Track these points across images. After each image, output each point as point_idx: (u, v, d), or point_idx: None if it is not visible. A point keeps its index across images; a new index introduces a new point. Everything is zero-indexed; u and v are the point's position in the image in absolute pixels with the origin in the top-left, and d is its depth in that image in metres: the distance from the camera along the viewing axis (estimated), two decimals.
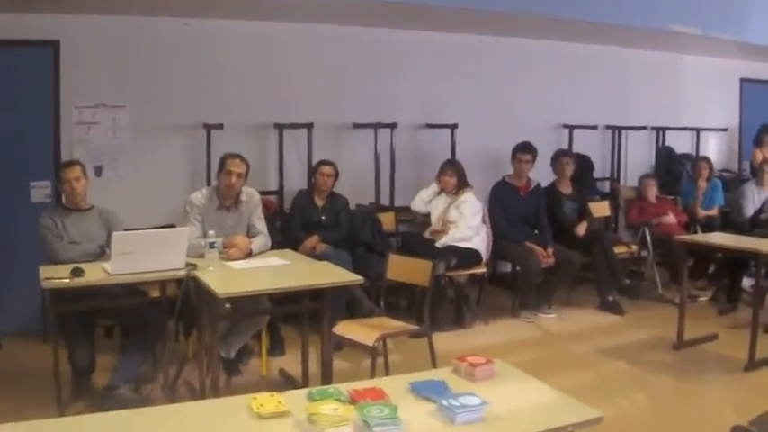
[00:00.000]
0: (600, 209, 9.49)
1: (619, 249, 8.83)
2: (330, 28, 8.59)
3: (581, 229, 8.54)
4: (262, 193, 6.86)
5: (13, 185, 7.44)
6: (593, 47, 10.28)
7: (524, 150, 8.38)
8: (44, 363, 5.60)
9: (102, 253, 5.74)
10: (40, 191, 7.53)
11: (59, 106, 7.57)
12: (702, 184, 9.61)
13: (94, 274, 5.18)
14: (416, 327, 5.94)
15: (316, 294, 5.42)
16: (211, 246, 5.51)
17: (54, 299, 5.18)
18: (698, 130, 11.27)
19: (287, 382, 5.92)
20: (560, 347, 7.26)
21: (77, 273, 5.10)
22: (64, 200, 6.14)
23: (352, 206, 8.09)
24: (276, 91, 8.42)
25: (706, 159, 10.00)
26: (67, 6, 7.21)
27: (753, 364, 6.37)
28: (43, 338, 7.00)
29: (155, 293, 5.86)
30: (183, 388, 5.84)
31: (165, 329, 5.73)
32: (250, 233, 6.19)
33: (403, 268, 6.00)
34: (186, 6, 7.50)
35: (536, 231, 8.41)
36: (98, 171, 7.64)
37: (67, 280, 5.03)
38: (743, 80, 12.15)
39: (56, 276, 5.05)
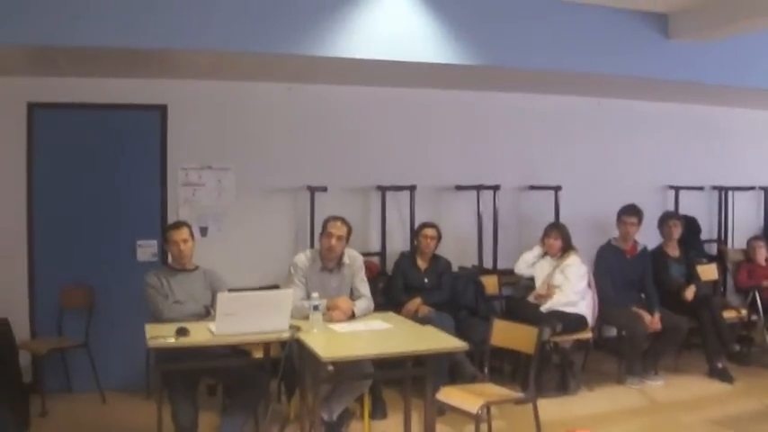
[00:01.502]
0: (708, 272, 9.26)
1: (728, 314, 8.55)
2: (432, 92, 8.65)
3: (689, 293, 8.31)
4: (364, 254, 6.85)
5: (121, 243, 7.63)
6: (696, 107, 10.15)
7: (630, 213, 8.25)
8: (147, 420, 5.68)
9: (206, 313, 5.79)
10: (147, 250, 7.69)
11: (166, 167, 7.77)
12: None
13: (199, 334, 5.22)
14: (521, 394, 5.82)
15: (419, 359, 5.38)
16: (315, 308, 5.51)
17: (159, 358, 5.24)
18: None
19: None
20: (668, 417, 7.03)
21: (182, 332, 5.15)
22: (170, 260, 6.24)
23: (454, 269, 8.04)
24: (379, 153, 8.50)
25: None
26: (175, 72, 7.43)
27: None
28: (146, 395, 7.11)
29: (258, 354, 5.89)
30: None
31: (267, 390, 5.73)
32: (353, 295, 6.20)
33: (507, 334, 5.91)
34: (289, 72, 7.62)
35: (642, 295, 8.22)
36: (203, 231, 7.75)
37: (173, 340, 5.07)
38: None
39: (161, 335, 5.10)
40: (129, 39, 6.06)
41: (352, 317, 5.91)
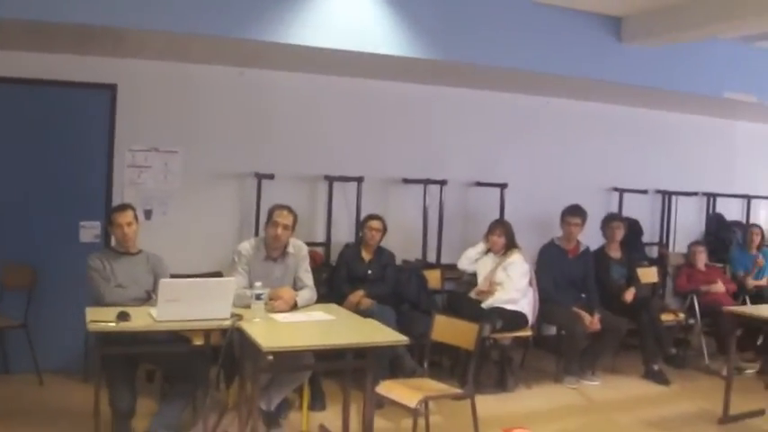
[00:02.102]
0: (648, 275, 9.36)
1: (666, 317, 8.67)
2: (383, 83, 8.65)
3: (629, 295, 8.42)
4: (309, 244, 6.84)
5: (63, 224, 7.53)
6: (644, 111, 10.28)
7: (574, 213, 8.32)
8: (84, 403, 5.65)
9: (147, 298, 5.75)
10: (90, 231, 7.61)
11: (113, 148, 7.66)
12: (756, 253, 9.52)
13: (140, 319, 5.19)
14: (459, 390, 5.85)
15: (360, 351, 5.38)
16: (258, 297, 5.50)
17: (99, 342, 5.18)
18: (749, 198, 11.17)
19: None
20: (603, 416, 7.11)
21: (124, 317, 5.11)
22: (113, 242, 6.17)
23: (398, 262, 8.07)
24: (328, 143, 8.48)
25: (758, 227, 9.92)
26: (127, 51, 7.32)
27: None
28: (83, 378, 7.05)
29: (198, 341, 5.84)
30: None
31: (207, 378, 5.70)
32: (296, 286, 6.19)
33: (448, 329, 5.94)
34: (242, 56, 7.56)
35: (583, 295, 8.30)
36: (147, 214, 7.68)
37: (114, 324, 5.03)
38: None
39: (102, 319, 5.05)
40: (82, 15, 5.94)
41: (295, 307, 5.90)
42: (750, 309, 8.05)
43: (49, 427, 5.88)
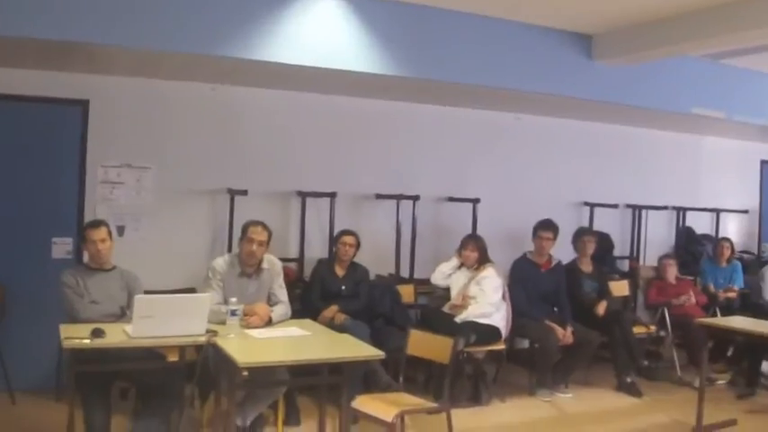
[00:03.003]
0: (619, 288, 9.44)
1: (637, 330, 8.74)
2: (355, 100, 8.67)
3: (600, 308, 8.47)
4: (282, 260, 6.85)
5: (35, 240, 7.46)
6: (614, 126, 10.39)
7: (546, 228, 8.37)
8: (58, 421, 5.62)
9: (121, 314, 5.73)
10: (62, 247, 7.56)
11: (85, 164, 7.62)
12: (725, 265, 9.66)
13: (115, 336, 5.15)
14: (435, 404, 5.88)
15: (335, 367, 5.39)
16: (233, 313, 5.51)
17: (73, 359, 5.14)
18: (718, 211, 11.29)
19: None
20: (577, 429, 7.16)
21: (98, 334, 5.07)
22: (86, 258, 6.13)
23: (372, 277, 8.08)
24: (300, 159, 8.49)
25: (728, 240, 10.03)
26: (98, 67, 7.29)
27: None
28: (56, 397, 6.98)
29: (173, 357, 5.81)
30: None
31: (182, 395, 5.68)
32: (271, 301, 6.19)
33: (423, 344, 5.97)
34: (214, 72, 7.55)
35: (555, 309, 8.34)
36: (120, 230, 7.64)
37: (88, 340, 5.00)
38: (763, 162, 12.19)
39: (76, 336, 5.02)
40: (53, 31, 5.95)
41: (270, 323, 5.89)
42: (721, 320, 8.12)
43: None
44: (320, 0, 6.98)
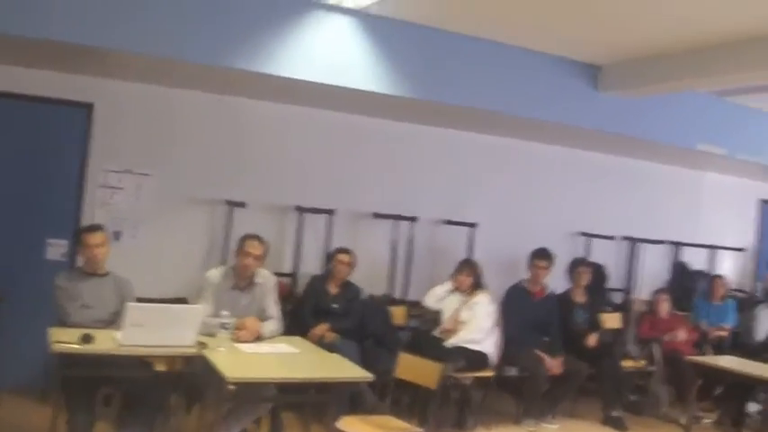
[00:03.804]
0: (611, 320, 9.42)
1: (627, 363, 8.73)
2: (359, 118, 8.69)
3: (592, 340, 8.47)
4: (276, 274, 6.85)
5: (29, 240, 7.48)
6: (615, 158, 10.41)
7: (541, 256, 8.37)
8: (41, 423, 5.60)
9: (112, 320, 5.71)
10: (57, 249, 7.56)
11: (86, 167, 7.63)
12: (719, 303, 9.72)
13: (104, 342, 5.16)
14: (420, 429, 5.86)
15: (322, 386, 5.39)
16: (224, 326, 5.52)
17: (61, 363, 5.14)
18: (715, 248, 11.30)
19: None
20: None
21: (87, 339, 5.08)
22: (81, 262, 6.14)
23: (364, 296, 8.07)
24: (301, 174, 8.49)
25: (722, 278, 10.04)
26: (106, 71, 7.31)
27: None
28: (41, 398, 6.94)
29: (161, 366, 5.82)
30: None
31: (166, 404, 5.68)
32: (262, 316, 6.18)
33: (412, 368, 5.98)
34: (222, 83, 7.57)
35: (546, 339, 8.34)
36: (117, 236, 7.62)
37: (77, 345, 5.01)
38: (762, 201, 12.21)
39: (66, 340, 5.03)
40: (65, 33, 5.95)
41: (260, 338, 5.89)
42: (710, 359, 8.12)
43: None
44: (333, 16, 7.00)
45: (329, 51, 6.99)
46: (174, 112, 7.93)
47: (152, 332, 5.17)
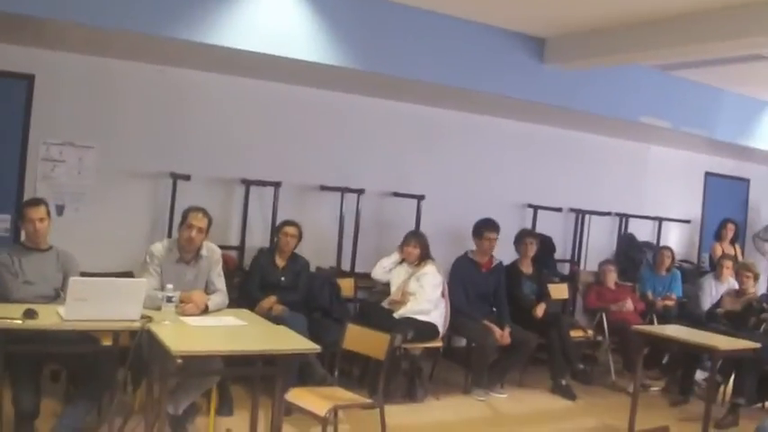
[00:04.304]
0: (559, 291, 9.50)
1: (575, 333, 8.80)
2: (305, 90, 8.62)
3: (539, 310, 8.54)
4: (222, 247, 6.76)
5: None
6: (562, 131, 10.46)
7: (492, 228, 8.38)
8: None
9: (56, 296, 5.63)
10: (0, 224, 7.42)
11: (28, 140, 7.49)
12: (665, 274, 9.83)
13: (48, 317, 5.06)
14: (369, 400, 5.86)
15: (270, 358, 5.35)
16: (169, 300, 5.45)
17: (3, 339, 5.05)
18: (661, 220, 11.43)
19: None
20: (510, 429, 7.21)
21: (30, 315, 4.97)
22: (23, 237, 6.03)
23: (312, 269, 8.03)
24: (246, 147, 8.41)
25: (669, 249, 10.14)
26: (47, 42, 7.18)
27: None
28: None
29: (107, 341, 5.72)
30: None
31: (114, 379, 5.60)
32: (208, 289, 6.11)
33: (360, 339, 5.94)
34: (164, 54, 7.46)
35: (494, 309, 8.38)
36: (60, 210, 7.52)
37: (20, 321, 4.91)
38: (708, 174, 12.33)
39: (8, 316, 4.91)
40: (2, 2, 5.81)
41: (206, 311, 5.82)
42: (657, 328, 8.19)
43: None
44: None
45: (272, 21, 6.91)
46: (116, 84, 7.80)
47: (96, 307, 5.07)
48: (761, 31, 6.59)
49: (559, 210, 10.49)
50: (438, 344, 7.87)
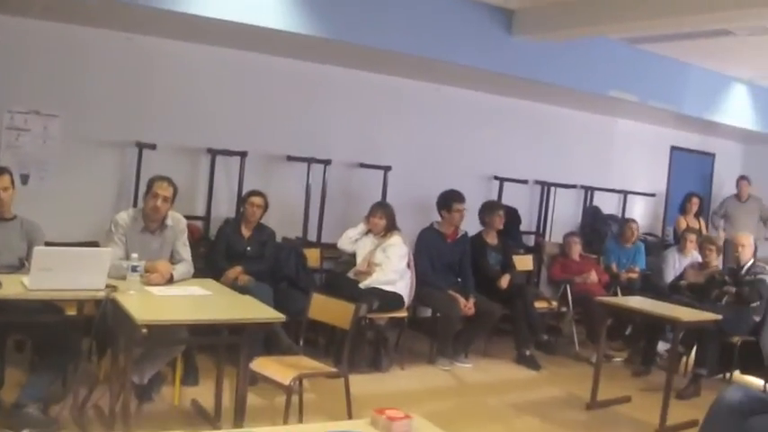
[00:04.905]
0: (523, 262, 9.59)
1: (539, 304, 8.88)
2: (272, 59, 8.58)
3: (504, 281, 8.59)
4: (188, 217, 6.73)
5: None
6: (529, 103, 10.49)
7: (460, 200, 8.38)
8: None
9: (20, 266, 5.58)
10: None
11: None
12: (630, 246, 9.92)
13: (12, 287, 5.02)
14: (333, 369, 5.89)
15: (235, 328, 5.36)
16: (133, 269, 5.41)
17: None
18: (626, 193, 11.52)
19: (199, 414, 5.85)
20: (474, 399, 7.26)
21: None
22: None
23: (278, 239, 8.03)
24: (213, 116, 8.37)
25: (634, 221, 10.21)
26: (10, 8, 7.07)
27: (663, 430, 6.41)
28: None
29: (71, 311, 5.72)
30: (92, 411, 5.68)
31: (79, 349, 5.59)
32: (173, 259, 6.10)
33: (325, 308, 5.95)
34: (131, 21, 7.40)
35: (459, 280, 8.42)
36: (24, 179, 7.46)
37: None
38: (673, 148, 12.43)
39: None
40: None
41: (171, 281, 5.82)
42: (620, 300, 8.27)
43: None
44: None
45: None
46: (82, 52, 7.71)
47: (61, 276, 5.04)
48: (732, 5, 6.63)
49: (525, 182, 10.57)
50: (403, 314, 7.91)
